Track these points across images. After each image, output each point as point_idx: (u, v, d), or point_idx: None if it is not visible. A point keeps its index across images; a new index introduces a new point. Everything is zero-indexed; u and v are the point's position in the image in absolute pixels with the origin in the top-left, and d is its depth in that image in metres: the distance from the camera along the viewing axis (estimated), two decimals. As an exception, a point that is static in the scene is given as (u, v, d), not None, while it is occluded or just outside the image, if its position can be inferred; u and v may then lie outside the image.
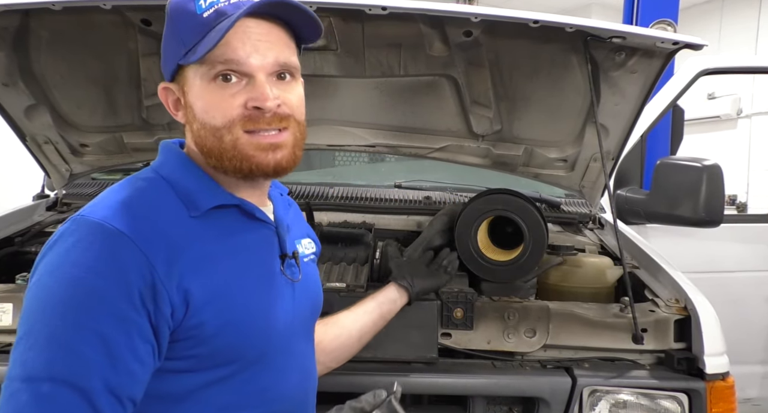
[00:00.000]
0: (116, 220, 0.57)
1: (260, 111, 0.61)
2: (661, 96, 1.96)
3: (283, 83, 0.63)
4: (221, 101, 0.61)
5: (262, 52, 0.60)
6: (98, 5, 1.04)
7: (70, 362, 0.52)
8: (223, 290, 0.61)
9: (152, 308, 0.56)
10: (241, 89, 0.61)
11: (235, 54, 0.59)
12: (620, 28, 1.08)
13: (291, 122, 0.64)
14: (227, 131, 0.61)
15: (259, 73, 0.61)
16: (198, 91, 0.62)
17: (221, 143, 0.61)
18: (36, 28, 1.18)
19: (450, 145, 1.56)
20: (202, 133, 0.63)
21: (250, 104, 0.60)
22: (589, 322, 1.11)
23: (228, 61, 0.60)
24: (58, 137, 1.45)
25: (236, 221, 0.65)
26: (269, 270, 0.67)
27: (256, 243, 0.67)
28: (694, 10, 6.37)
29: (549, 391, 1.01)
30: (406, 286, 0.98)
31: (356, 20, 1.17)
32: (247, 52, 0.60)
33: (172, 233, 0.59)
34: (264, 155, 0.62)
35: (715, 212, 1.48)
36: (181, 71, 0.63)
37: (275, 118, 0.62)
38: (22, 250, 1.38)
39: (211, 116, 0.61)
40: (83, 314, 0.53)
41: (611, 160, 1.43)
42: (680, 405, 1.01)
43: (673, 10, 2.60)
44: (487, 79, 1.35)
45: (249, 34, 0.60)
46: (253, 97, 0.60)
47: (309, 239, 0.78)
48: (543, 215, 1.26)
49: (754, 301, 2.00)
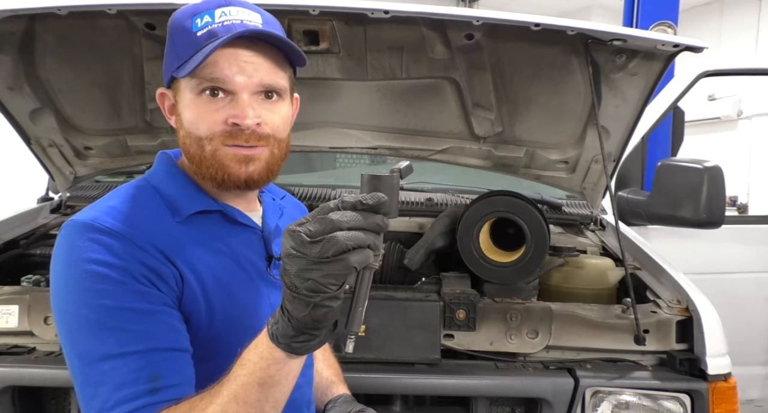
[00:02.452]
0: (105, 220, 0.62)
1: (239, 128, 0.65)
2: (662, 98, 1.96)
3: (268, 102, 0.67)
4: (206, 114, 0.65)
5: (248, 73, 0.64)
6: (103, 10, 1.05)
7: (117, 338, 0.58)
8: (209, 289, 0.65)
9: (160, 283, 0.62)
10: (225, 105, 0.65)
11: (222, 73, 0.64)
12: (621, 31, 1.09)
13: (270, 141, 0.67)
14: (208, 141, 0.66)
15: (243, 93, 0.64)
16: (187, 102, 0.66)
17: (202, 151, 0.66)
18: (41, 32, 1.19)
19: (452, 147, 1.56)
20: (187, 140, 0.68)
21: (230, 120, 0.64)
22: (592, 323, 1.11)
23: (214, 80, 0.64)
24: (63, 140, 1.46)
25: (219, 226, 0.69)
26: (254, 271, 0.70)
27: (240, 246, 0.70)
28: (694, 11, 6.38)
29: (551, 392, 1.01)
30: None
31: (358, 24, 1.18)
32: (233, 72, 0.64)
33: (157, 235, 0.63)
34: (237, 167, 0.66)
35: (716, 213, 1.48)
36: (175, 81, 0.68)
37: (253, 136, 0.65)
38: (26, 252, 1.39)
39: (196, 126, 0.66)
40: (106, 298, 0.58)
41: (612, 161, 1.44)
42: (682, 406, 1.02)
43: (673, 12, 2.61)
44: (488, 81, 1.35)
45: (237, 56, 0.64)
46: (234, 115, 0.64)
47: None
48: (545, 216, 1.27)
49: (756, 302, 2.00)
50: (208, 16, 0.65)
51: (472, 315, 1.10)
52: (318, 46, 1.26)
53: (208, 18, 0.64)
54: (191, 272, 0.64)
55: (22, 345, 1.08)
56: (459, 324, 1.10)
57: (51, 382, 1.00)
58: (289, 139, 0.71)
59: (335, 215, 0.50)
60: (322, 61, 1.33)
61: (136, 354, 0.58)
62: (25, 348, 1.08)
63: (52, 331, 1.09)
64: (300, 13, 1.11)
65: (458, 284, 1.21)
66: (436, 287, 1.20)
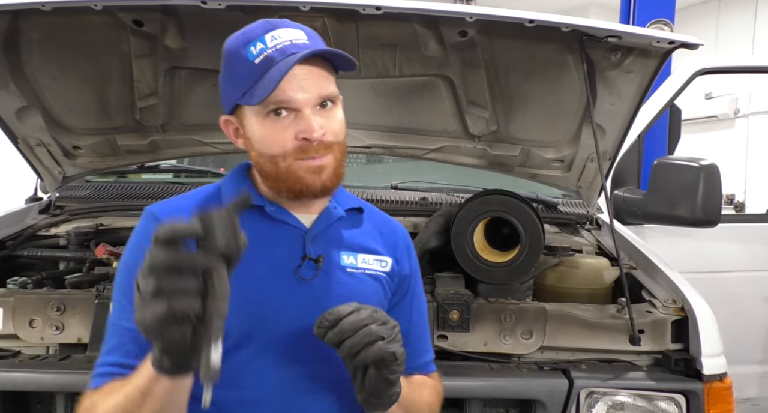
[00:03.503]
0: (158, 207, 0.75)
1: (308, 141, 0.71)
2: (658, 96, 1.95)
3: (325, 111, 0.73)
4: (275, 134, 0.71)
5: (307, 90, 0.70)
6: (89, 6, 1.03)
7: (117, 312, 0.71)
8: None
9: None
10: (290, 123, 0.71)
11: (285, 95, 0.69)
12: (616, 28, 1.07)
13: (334, 148, 0.74)
14: (282, 159, 0.72)
15: (305, 108, 0.70)
16: (254, 125, 0.72)
17: (277, 168, 0.72)
18: (26, 29, 1.17)
19: (446, 146, 1.55)
20: (260, 160, 0.74)
21: (299, 135, 0.70)
22: (586, 323, 1.10)
23: (279, 102, 0.70)
24: (51, 139, 1.43)
25: (257, 222, 0.74)
26: (279, 268, 0.74)
27: (274, 241, 0.74)
28: (691, 10, 6.39)
29: (546, 393, 1.00)
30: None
31: (350, 20, 1.16)
32: (294, 92, 0.70)
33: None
34: (312, 178, 0.72)
35: (713, 212, 1.47)
36: (238, 107, 0.74)
37: (321, 146, 0.72)
38: (13, 254, 1.37)
39: (267, 146, 0.72)
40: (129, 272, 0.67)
41: (608, 160, 1.42)
42: (677, 407, 1.01)
43: (670, 10, 2.61)
44: (483, 79, 1.34)
45: (295, 76, 0.69)
46: (301, 130, 0.70)
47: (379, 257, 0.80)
48: (539, 215, 1.26)
49: (753, 301, 2.00)
50: (260, 42, 0.70)
51: (466, 316, 1.09)
52: (309, 44, 1.24)
53: (261, 45, 0.70)
54: None
55: (7, 348, 1.07)
56: (453, 325, 1.09)
57: (36, 386, 0.99)
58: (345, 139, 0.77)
59: (149, 256, 0.52)
60: (314, 59, 1.32)
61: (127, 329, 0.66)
62: (10, 351, 1.06)
63: (37, 334, 1.07)
64: (290, 10, 1.09)
65: (452, 284, 1.20)
66: (429, 287, 1.19)
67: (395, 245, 0.83)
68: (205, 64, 1.33)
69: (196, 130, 1.52)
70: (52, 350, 1.09)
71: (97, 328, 1.05)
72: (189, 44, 1.27)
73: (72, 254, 1.36)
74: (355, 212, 0.83)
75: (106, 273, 1.20)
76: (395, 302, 0.81)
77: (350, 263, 0.77)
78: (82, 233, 1.40)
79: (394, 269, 0.81)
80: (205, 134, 1.54)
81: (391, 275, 0.81)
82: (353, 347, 0.64)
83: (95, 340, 1.05)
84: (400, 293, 0.82)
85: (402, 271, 0.82)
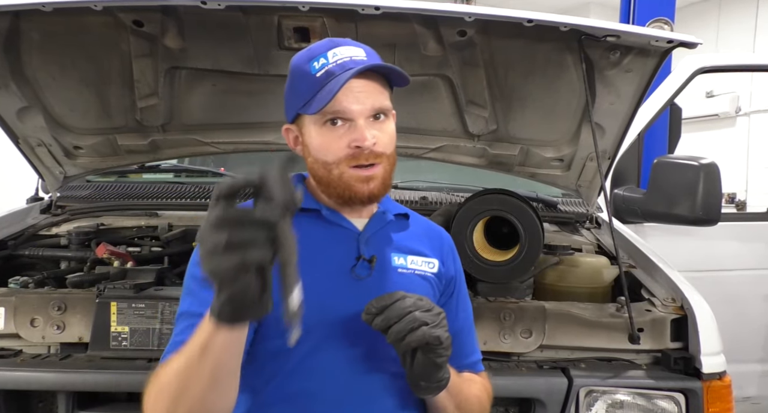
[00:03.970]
0: None
1: (360, 149, 0.76)
2: (658, 95, 1.95)
3: (378, 123, 0.78)
4: (331, 142, 0.77)
5: (362, 102, 0.76)
6: (89, 6, 1.03)
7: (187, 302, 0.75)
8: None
9: None
10: (345, 132, 0.76)
11: (341, 106, 0.75)
12: (614, 27, 1.07)
13: (383, 158, 0.78)
14: (335, 166, 0.77)
15: (359, 119, 0.76)
16: (312, 133, 0.78)
17: (330, 174, 0.78)
18: (27, 29, 1.17)
19: (446, 145, 1.55)
20: (315, 166, 0.79)
21: (352, 144, 0.76)
22: (586, 322, 1.10)
23: (336, 112, 0.76)
24: (51, 139, 1.44)
25: (314, 225, 0.80)
26: (336, 267, 0.78)
27: (329, 244, 0.79)
28: (691, 8, 6.38)
29: (545, 392, 1.00)
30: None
31: (349, 20, 1.16)
32: (350, 103, 0.76)
33: None
34: (361, 186, 0.77)
35: (713, 210, 1.47)
36: (299, 117, 0.80)
37: (372, 154, 0.77)
38: (15, 253, 1.37)
39: (322, 153, 0.78)
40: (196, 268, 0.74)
41: (608, 159, 1.42)
42: (677, 405, 1.01)
43: (670, 9, 2.60)
44: (482, 78, 1.34)
45: (351, 89, 0.75)
46: (354, 139, 0.76)
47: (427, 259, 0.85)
48: (539, 214, 1.26)
49: (753, 300, 2.00)
50: (323, 58, 0.76)
51: (465, 315, 1.09)
52: (309, 43, 1.23)
53: (324, 60, 0.76)
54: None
55: (8, 347, 1.07)
56: (452, 324, 1.09)
57: (38, 385, 0.99)
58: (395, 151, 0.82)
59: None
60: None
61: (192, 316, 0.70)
62: (12, 350, 1.07)
63: (38, 333, 1.07)
64: (290, 10, 1.10)
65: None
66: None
67: (441, 248, 0.88)
68: (205, 64, 1.34)
69: (196, 130, 1.53)
70: (53, 349, 1.09)
71: (98, 327, 1.06)
72: (189, 44, 1.27)
73: (73, 253, 1.36)
74: (402, 218, 0.88)
75: (107, 273, 1.21)
76: (442, 303, 0.84)
77: (401, 263, 0.82)
78: (83, 233, 1.41)
79: (441, 270, 0.85)
80: (206, 133, 1.54)
81: (439, 276, 0.85)
82: (399, 332, 0.68)
83: (96, 339, 1.05)
84: (447, 295, 0.86)
85: (448, 273, 0.87)
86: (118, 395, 1.05)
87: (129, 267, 1.24)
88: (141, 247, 1.41)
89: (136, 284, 1.11)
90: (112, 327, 1.06)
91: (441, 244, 0.88)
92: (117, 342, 1.05)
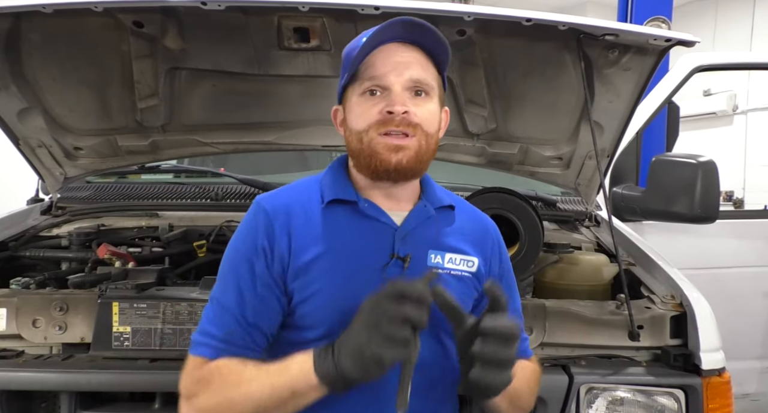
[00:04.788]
0: (265, 198, 0.80)
1: (392, 115, 0.73)
2: (656, 93, 1.96)
3: (418, 99, 0.76)
4: (366, 110, 0.75)
5: (400, 70, 0.74)
6: (89, 7, 1.03)
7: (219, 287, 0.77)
8: (311, 270, 0.74)
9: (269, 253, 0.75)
10: (381, 100, 0.75)
11: (377, 71, 0.74)
12: (612, 26, 1.08)
13: (418, 131, 0.75)
14: (366, 133, 0.75)
15: (396, 86, 0.74)
16: (352, 104, 0.77)
17: (361, 143, 0.75)
18: (27, 31, 1.18)
19: (445, 144, 1.55)
20: (350, 137, 0.78)
21: (384, 109, 0.74)
22: (586, 320, 1.11)
23: (372, 77, 0.75)
24: (52, 140, 1.44)
25: (349, 217, 0.77)
26: (367, 265, 0.76)
27: (362, 239, 0.76)
28: (688, 7, 6.39)
29: (546, 389, 1.01)
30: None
31: (349, 20, 1.17)
32: (387, 70, 0.74)
33: (296, 216, 0.77)
34: (388, 154, 0.74)
35: (711, 208, 1.48)
36: (344, 93, 0.79)
37: (403, 122, 0.74)
38: (16, 255, 1.37)
39: (356, 122, 0.76)
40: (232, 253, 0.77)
41: (606, 157, 1.43)
42: (677, 401, 1.02)
43: (668, 7, 2.60)
44: (481, 78, 1.35)
45: (390, 55, 0.75)
46: (387, 104, 0.74)
47: (466, 257, 0.81)
48: (539, 213, 1.26)
49: (752, 297, 2.01)
50: (365, 37, 0.75)
51: (465, 313, 1.09)
52: (309, 44, 1.25)
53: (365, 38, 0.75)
54: (303, 255, 0.74)
55: (11, 348, 1.07)
56: (453, 322, 1.09)
57: (40, 386, 0.99)
58: (438, 137, 0.79)
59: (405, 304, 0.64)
60: (314, 59, 1.32)
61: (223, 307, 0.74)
62: (14, 351, 1.07)
63: (40, 334, 1.08)
64: (290, 10, 1.10)
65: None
66: (429, 285, 1.19)
67: (484, 244, 0.84)
68: (205, 65, 1.34)
69: (196, 130, 1.53)
70: (55, 350, 1.10)
71: (100, 328, 1.06)
72: (189, 45, 1.27)
73: (74, 254, 1.36)
74: (447, 210, 0.83)
75: (108, 273, 1.21)
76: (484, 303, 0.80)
77: (437, 262, 0.78)
78: (83, 234, 1.41)
79: (480, 270, 0.82)
80: (206, 134, 1.54)
81: (478, 276, 0.81)
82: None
83: (98, 340, 1.06)
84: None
85: (491, 272, 0.83)
86: (120, 395, 1.05)
87: (130, 268, 1.24)
88: (142, 247, 1.41)
89: (137, 284, 1.11)
90: (114, 328, 1.06)
91: (485, 239, 0.84)
92: (119, 343, 1.06)
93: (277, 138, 1.56)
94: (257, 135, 1.56)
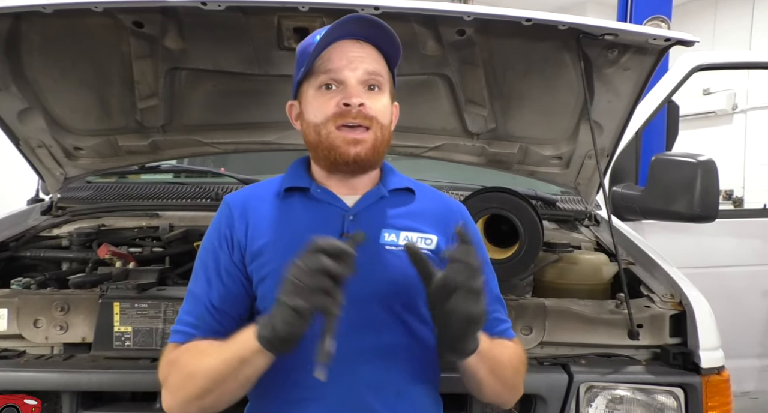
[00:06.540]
0: (230, 195, 0.87)
1: (348, 107, 0.77)
2: (656, 92, 1.96)
3: (371, 93, 0.80)
4: (323, 104, 0.79)
5: (355, 65, 0.78)
6: (89, 8, 1.03)
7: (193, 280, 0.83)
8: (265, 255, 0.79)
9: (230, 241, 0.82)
10: (337, 94, 0.78)
11: (333, 65, 0.78)
12: (612, 26, 1.08)
13: (374, 123, 0.78)
14: (323, 126, 0.78)
15: (351, 79, 0.78)
16: (309, 98, 0.81)
17: (319, 136, 0.79)
18: (27, 31, 1.18)
19: (445, 144, 1.56)
20: (307, 130, 0.81)
21: (341, 102, 0.77)
22: (586, 318, 1.11)
23: (328, 71, 0.78)
24: (52, 140, 1.44)
25: (302, 203, 0.82)
26: None
27: (316, 221, 0.80)
28: (688, 6, 6.39)
29: (546, 388, 1.01)
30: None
31: (349, 20, 1.17)
32: (342, 64, 0.78)
33: (255, 208, 0.83)
34: (347, 147, 0.77)
35: (710, 207, 1.48)
36: (299, 88, 0.83)
37: (360, 114, 0.77)
38: (16, 255, 1.38)
39: (314, 115, 0.80)
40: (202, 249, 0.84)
41: (606, 157, 1.43)
42: (676, 400, 1.02)
43: (667, 6, 2.61)
44: (481, 77, 1.35)
45: (344, 51, 0.78)
46: (343, 97, 0.77)
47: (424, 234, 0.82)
48: (538, 212, 1.26)
49: (751, 295, 2.01)
50: (319, 35, 0.79)
51: (466, 312, 1.10)
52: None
53: (319, 36, 0.79)
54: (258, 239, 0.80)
55: (12, 348, 1.08)
56: (453, 322, 1.09)
57: (41, 386, 0.99)
58: (391, 129, 0.83)
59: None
60: (313, 59, 1.32)
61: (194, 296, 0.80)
62: (15, 351, 1.07)
63: (42, 334, 1.08)
64: (290, 10, 1.10)
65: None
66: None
67: (447, 223, 0.84)
68: (205, 65, 1.34)
69: (196, 130, 1.53)
70: (56, 349, 1.10)
71: (101, 327, 1.06)
72: (189, 45, 1.27)
73: (74, 254, 1.37)
74: (405, 193, 0.86)
75: (109, 273, 1.21)
76: None
77: (391, 240, 0.80)
78: (84, 234, 1.41)
79: (440, 247, 0.81)
80: (206, 134, 1.55)
81: (437, 252, 0.81)
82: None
83: (99, 339, 1.06)
84: None
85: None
86: (121, 395, 1.05)
87: (131, 268, 1.24)
88: (142, 247, 1.41)
89: (138, 284, 1.12)
90: (115, 327, 1.06)
91: (447, 218, 0.84)
92: (120, 342, 1.06)
93: (277, 138, 1.57)
94: (257, 135, 1.57)
